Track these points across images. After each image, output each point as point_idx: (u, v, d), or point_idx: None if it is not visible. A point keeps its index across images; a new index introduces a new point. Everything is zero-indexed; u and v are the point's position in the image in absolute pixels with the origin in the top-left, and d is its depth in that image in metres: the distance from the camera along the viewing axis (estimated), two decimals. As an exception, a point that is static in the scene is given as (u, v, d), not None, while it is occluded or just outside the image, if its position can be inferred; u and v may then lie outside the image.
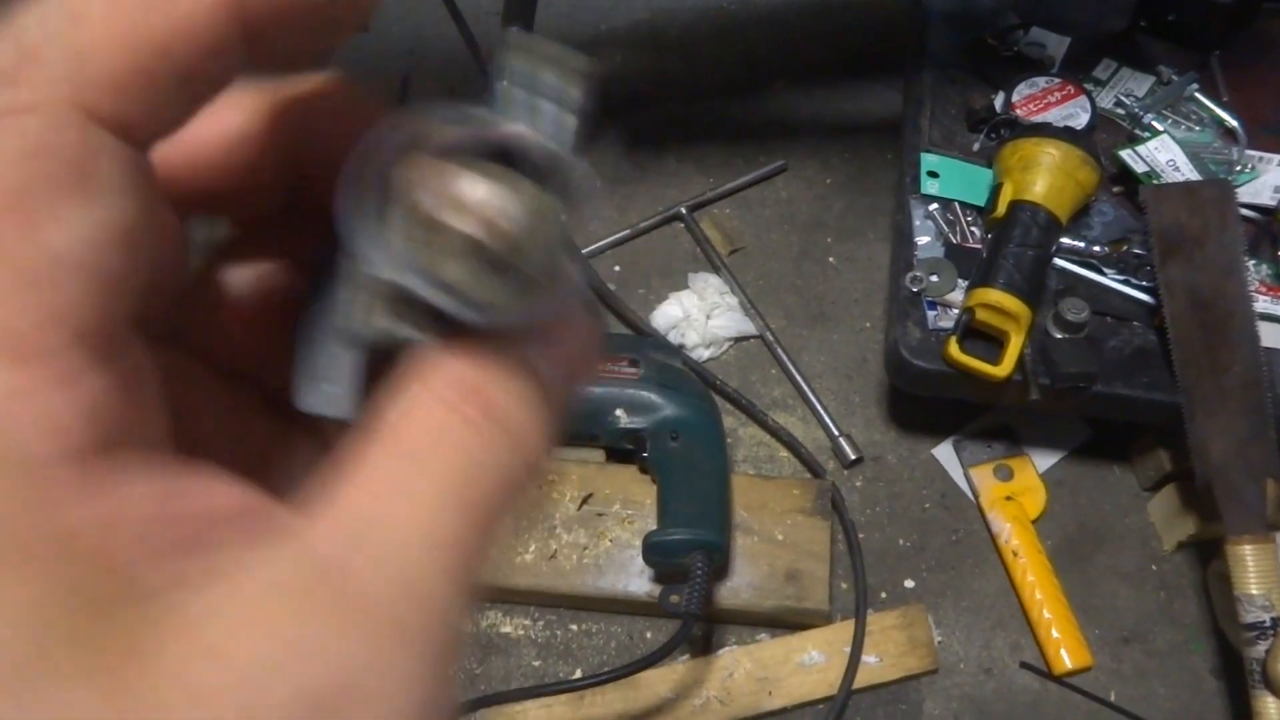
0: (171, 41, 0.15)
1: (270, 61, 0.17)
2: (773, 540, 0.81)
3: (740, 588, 0.79)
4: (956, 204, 0.87)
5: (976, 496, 0.87)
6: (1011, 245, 0.79)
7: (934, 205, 0.87)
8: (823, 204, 1.06)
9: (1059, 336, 0.79)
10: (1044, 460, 0.89)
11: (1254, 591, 0.73)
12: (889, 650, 0.79)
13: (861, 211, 1.06)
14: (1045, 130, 0.82)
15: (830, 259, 1.03)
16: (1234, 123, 0.90)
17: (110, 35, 0.15)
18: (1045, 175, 0.80)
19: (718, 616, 0.81)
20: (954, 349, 0.77)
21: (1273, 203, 0.85)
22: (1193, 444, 0.76)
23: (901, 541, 0.86)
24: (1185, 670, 0.81)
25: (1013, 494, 0.86)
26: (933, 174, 0.88)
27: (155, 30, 0.15)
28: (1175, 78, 0.92)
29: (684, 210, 1.05)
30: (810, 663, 0.79)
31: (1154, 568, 0.85)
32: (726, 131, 1.12)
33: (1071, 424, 0.90)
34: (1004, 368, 0.76)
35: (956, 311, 0.81)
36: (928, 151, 0.90)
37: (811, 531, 0.82)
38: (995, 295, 0.76)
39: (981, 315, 0.77)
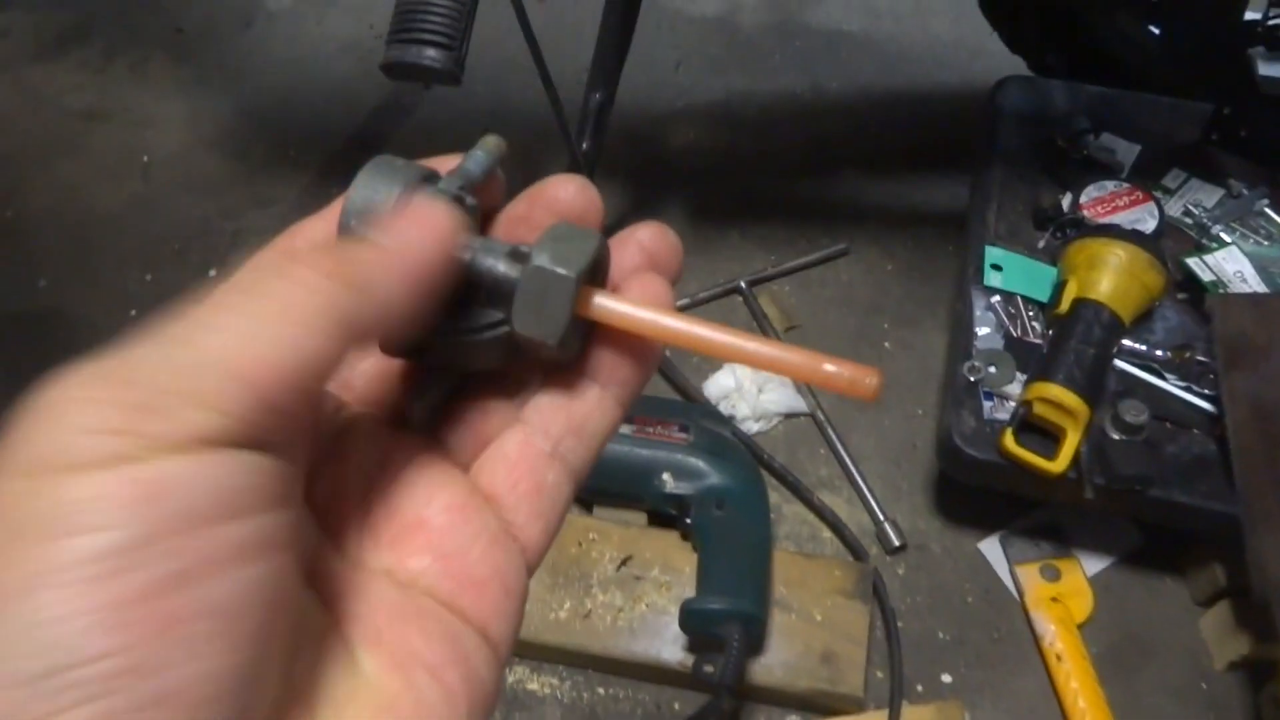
0: (292, 377, 0.19)
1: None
2: (810, 620, 0.80)
3: (774, 665, 0.78)
4: (1018, 298, 0.87)
5: (1021, 595, 0.85)
6: (1073, 342, 0.79)
7: (995, 297, 0.87)
8: (882, 289, 1.07)
9: (1116, 437, 0.78)
10: (1093, 564, 0.87)
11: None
12: (923, 744, 0.77)
13: (920, 300, 1.06)
14: (1113, 231, 0.82)
15: (886, 343, 1.03)
16: (1304, 240, 0.90)
17: (234, 376, 0.18)
18: (1111, 275, 0.80)
19: (749, 694, 0.80)
20: (1009, 440, 0.77)
21: (1342, 323, 0.84)
22: (1251, 559, 0.74)
23: (941, 634, 0.85)
24: (1232, 796, 0.77)
25: (1059, 595, 0.84)
26: (996, 267, 0.89)
27: (279, 369, 0.19)
28: (1245, 191, 0.93)
29: (743, 284, 1.06)
30: (840, 749, 0.77)
31: (1203, 686, 0.82)
32: (792, 211, 1.14)
33: (1123, 528, 0.88)
34: (1060, 463, 0.76)
35: (1013, 404, 0.80)
36: (992, 245, 0.91)
37: (851, 614, 0.81)
38: (1055, 390, 0.76)
39: (1039, 409, 0.77)
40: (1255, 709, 0.80)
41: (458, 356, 0.25)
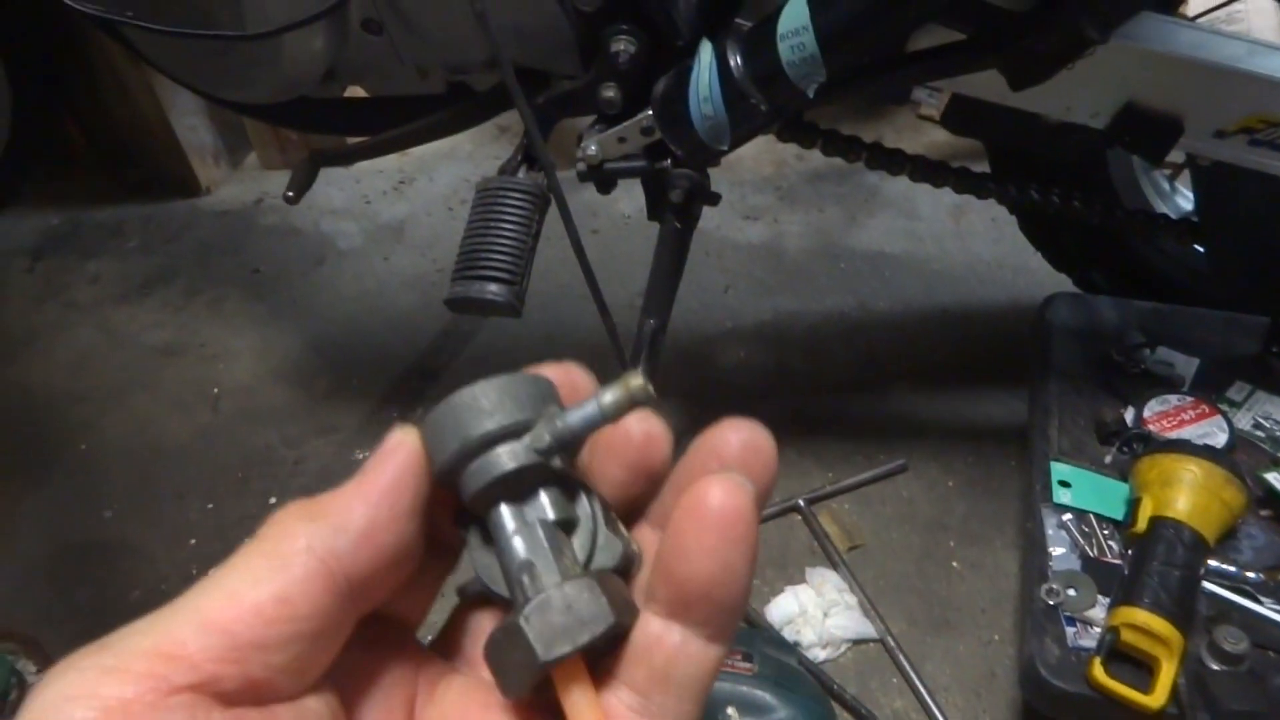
0: (271, 611, 0.21)
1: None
2: None
3: None
4: (1091, 516, 0.84)
5: None
6: (1156, 563, 0.76)
7: (1067, 515, 0.84)
8: (944, 506, 1.05)
9: (1216, 668, 0.73)
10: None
11: None
12: None
13: (985, 517, 1.03)
14: (1184, 447, 0.80)
15: (954, 563, 1.00)
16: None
17: (201, 625, 0.21)
18: (1187, 492, 0.77)
19: None
20: (1099, 671, 0.72)
21: None
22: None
23: None
24: None
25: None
26: (1064, 484, 0.86)
27: (254, 608, 0.21)
28: (1315, 403, 0.91)
29: (802, 503, 1.04)
30: None
31: None
32: (847, 428, 1.14)
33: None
34: (1157, 697, 0.70)
35: (1098, 630, 0.76)
36: (1058, 460, 0.89)
37: None
38: (1143, 616, 0.72)
39: (1127, 636, 0.73)
40: None
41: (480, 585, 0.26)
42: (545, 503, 0.25)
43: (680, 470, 0.26)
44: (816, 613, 0.93)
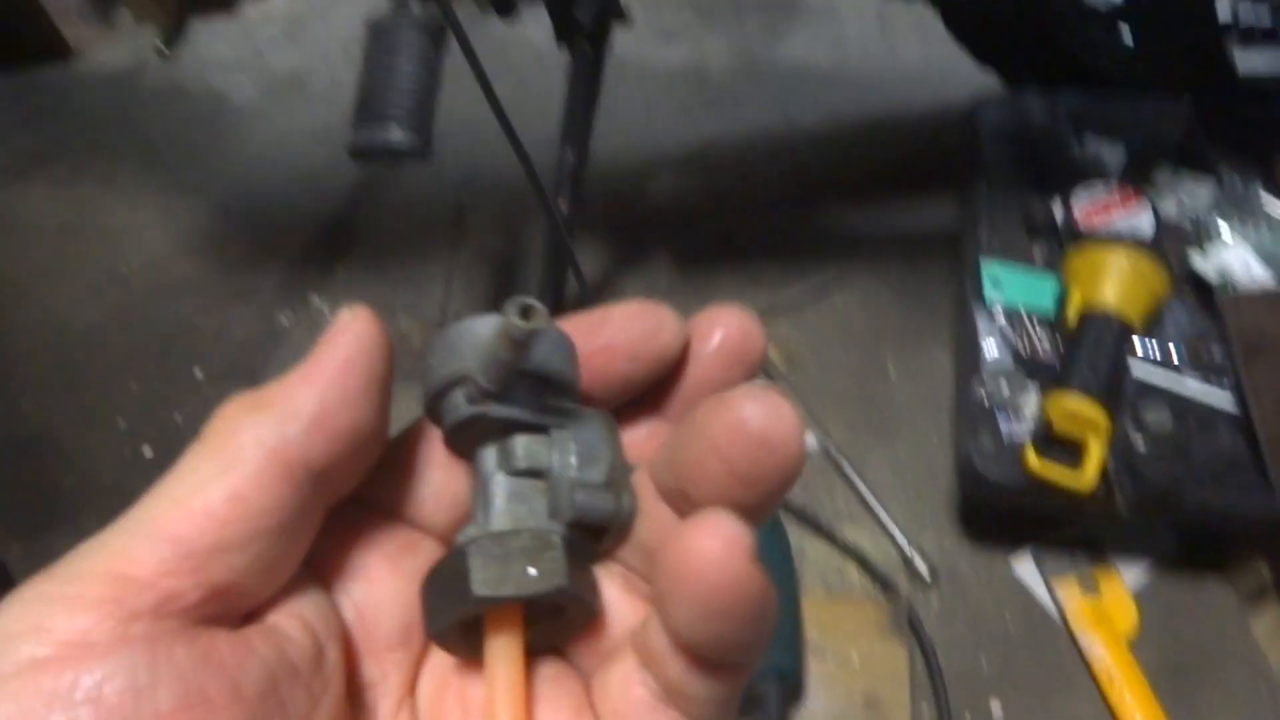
0: (225, 512, 0.20)
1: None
2: (848, 664, 0.77)
3: (818, 714, 0.75)
4: (1022, 312, 0.85)
5: (1062, 613, 0.82)
6: (1084, 352, 0.77)
7: (998, 313, 0.85)
8: (880, 315, 1.06)
9: (1141, 444, 0.76)
10: (1132, 573, 0.84)
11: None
12: (982, 786, 0.74)
13: (921, 323, 1.04)
14: (1111, 237, 0.81)
15: (891, 371, 1.01)
16: (1302, 223, 0.89)
17: (151, 536, 0.19)
18: (1115, 281, 0.78)
19: (796, 749, 0.76)
20: (1032, 458, 0.75)
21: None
22: (1297, 555, 0.71)
23: (985, 662, 0.81)
24: (1310, 807, 0.74)
25: (1101, 609, 0.81)
26: (995, 282, 0.87)
27: (205, 511, 0.20)
28: (1238, 182, 0.92)
29: (740, 326, 1.04)
30: (897, 799, 0.73)
31: (1265, 693, 0.79)
32: (780, 247, 1.12)
33: (1159, 532, 0.86)
34: (1087, 478, 0.73)
35: (1030, 421, 0.78)
36: (988, 260, 0.89)
37: (888, 653, 0.78)
38: (1072, 401, 0.74)
39: (1059, 423, 0.75)
40: (1321, 710, 0.77)
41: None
42: (519, 449, 0.23)
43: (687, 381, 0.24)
44: (760, 431, 0.94)
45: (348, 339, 0.22)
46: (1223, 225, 0.89)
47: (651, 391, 0.24)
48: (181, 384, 1.07)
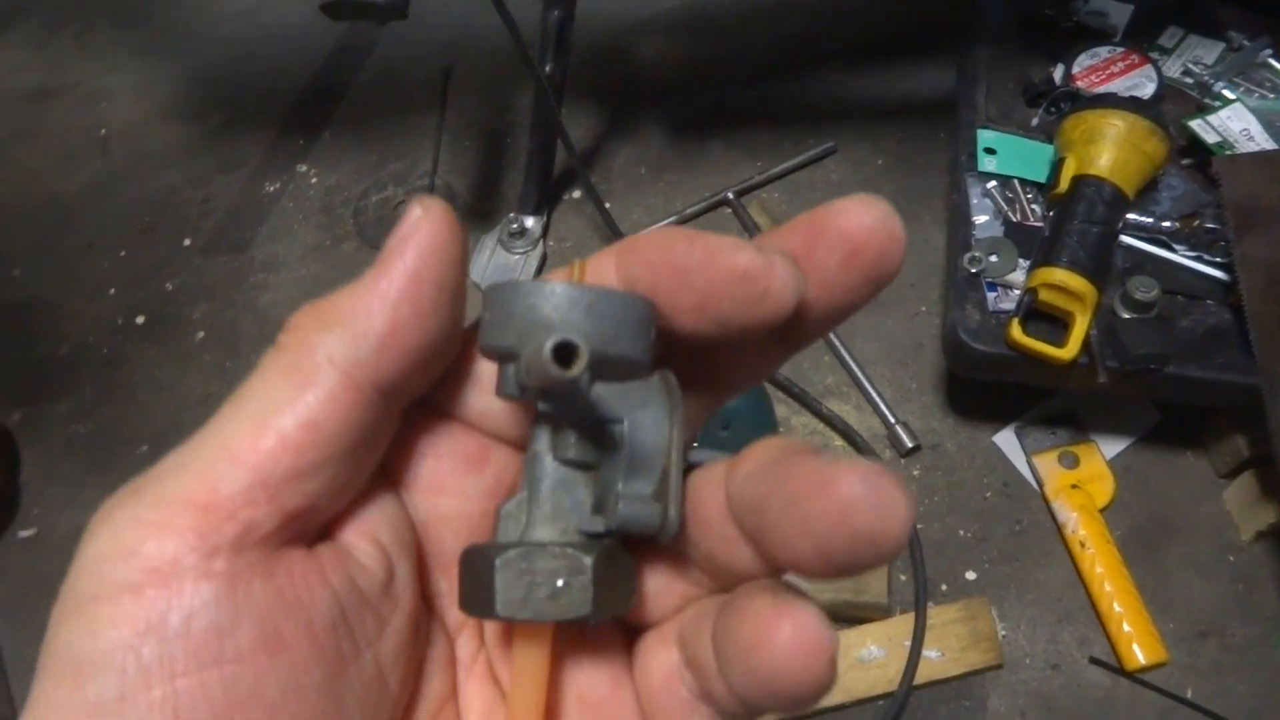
0: (300, 438, 0.19)
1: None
2: (828, 531, 0.79)
3: (797, 581, 0.77)
4: (1015, 181, 0.83)
5: (1040, 485, 0.84)
6: (1075, 222, 0.76)
7: (992, 183, 0.83)
8: (873, 186, 1.04)
9: (1127, 317, 0.76)
10: (1111, 447, 0.85)
11: (1342, 582, 0.69)
12: (951, 645, 0.76)
13: (914, 193, 1.03)
14: (1109, 101, 0.78)
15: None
16: (1311, 89, 0.86)
17: (230, 461, 0.19)
18: (1110, 148, 0.76)
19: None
20: (1016, 331, 0.74)
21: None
22: (1274, 427, 0.72)
23: (962, 532, 0.83)
24: (1266, 665, 0.77)
25: (1079, 482, 0.83)
26: (990, 151, 0.85)
27: (280, 436, 0.19)
28: (1246, 43, 0.88)
29: (731, 196, 1.03)
30: (869, 658, 0.76)
31: (1231, 559, 0.81)
32: (773, 115, 1.09)
33: (1140, 408, 0.86)
34: (1069, 350, 0.73)
35: (1018, 293, 0.78)
36: (984, 128, 0.87)
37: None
38: (1059, 274, 0.73)
39: (1045, 296, 0.74)
40: (1285, 575, 0.79)
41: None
42: (570, 439, 0.21)
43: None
44: (748, 303, 0.94)
45: (418, 243, 0.20)
46: (1227, 90, 0.86)
47: None
48: (170, 253, 1.07)
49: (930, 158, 1.05)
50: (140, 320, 1.02)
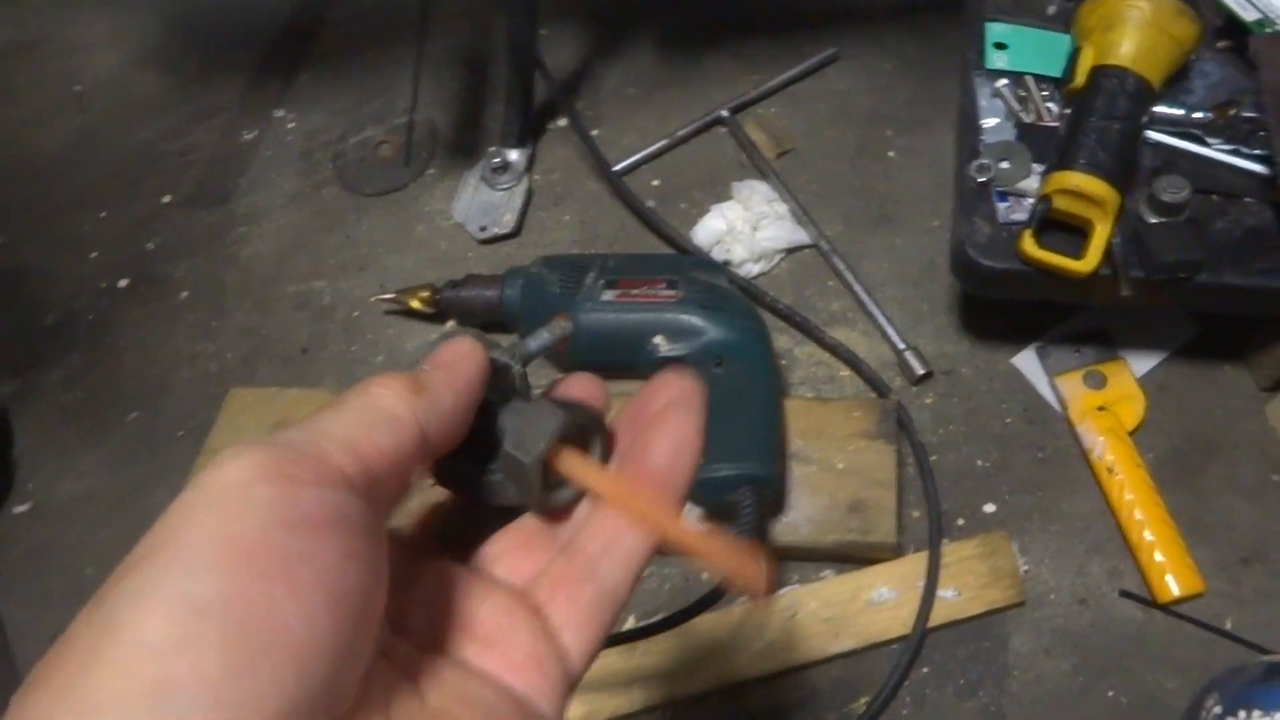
0: (388, 457, 0.25)
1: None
2: (832, 469, 0.74)
3: (798, 523, 0.73)
4: (1030, 78, 0.76)
5: (1064, 408, 0.78)
6: (1094, 119, 0.68)
7: (1003, 82, 0.76)
8: (882, 94, 0.96)
9: (1154, 221, 0.68)
10: (1143, 364, 0.79)
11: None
12: (969, 583, 0.72)
13: (927, 99, 0.95)
14: (1132, -21, 0.69)
15: (891, 153, 0.93)
16: (1367, -49, 0.76)
17: (350, 450, 0.24)
18: (1133, 33, 0.68)
19: (778, 554, 0.75)
20: (1029, 244, 0.68)
21: None
22: (1320, 336, 0.65)
23: (980, 462, 0.78)
24: (1315, 592, 0.71)
25: (1106, 403, 0.76)
26: (1001, 45, 0.77)
27: (378, 449, 0.25)
28: (1292, -97, 0.78)
29: (725, 113, 0.96)
30: (880, 600, 0.72)
31: (1276, 478, 0.75)
32: (770, 21, 1.02)
33: (1175, 321, 0.79)
34: (1088, 262, 0.67)
35: (1032, 202, 0.71)
36: (994, 20, 0.79)
37: (876, 456, 0.74)
38: (1076, 179, 0.66)
39: (1060, 203, 0.67)
40: (1337, 494, 0.73)
41: (482, 493, 0.30)
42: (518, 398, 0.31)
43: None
44: (745, 227, 0.88)
45: (472, 366, 0.29)
46: (1271, -40, 0.77)
47: None
48: (150, 210, 1.03)
49: (946, 59, 0.96)
50: (123, 284, 0.99)
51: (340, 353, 0.89)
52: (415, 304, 0.88)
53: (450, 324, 0.90)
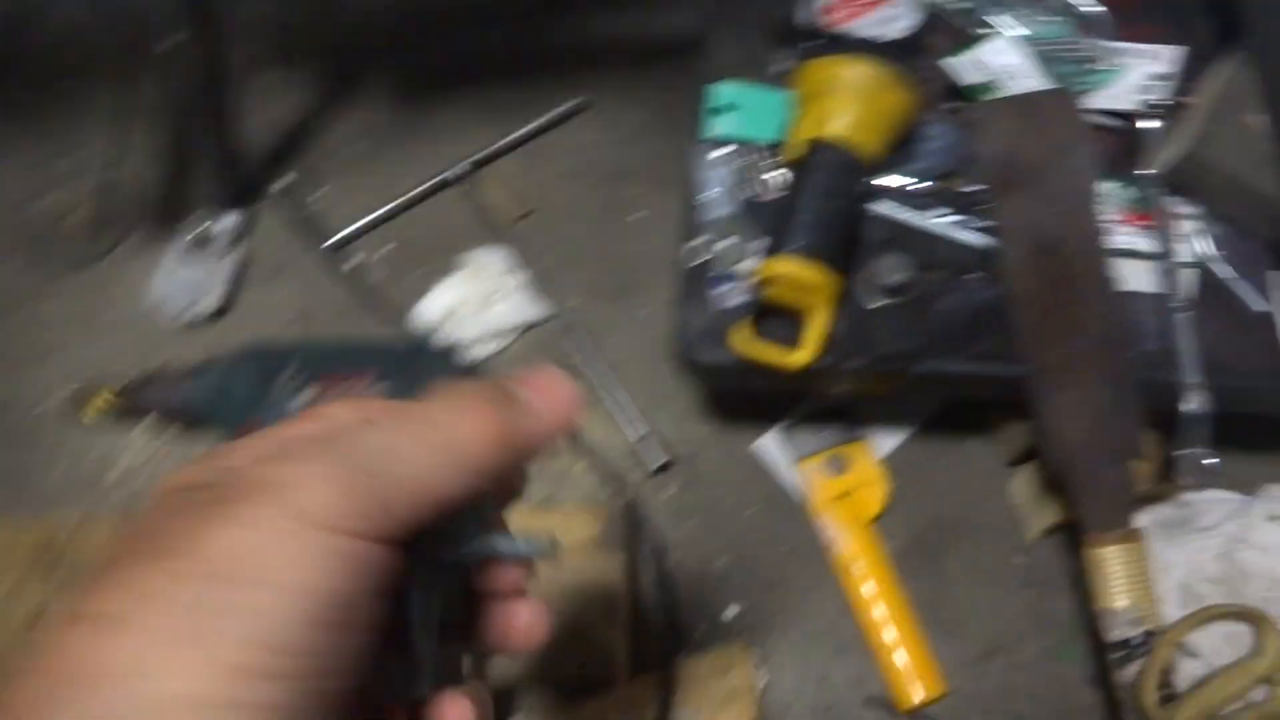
0: (442, 501, 0.26)
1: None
2: (555, 591, 0.67)
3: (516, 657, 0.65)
4: (757, 146, 0.70)
5: (807, 497, 0.73)
6: (810, 196, 0.63)
7: (725, 150, 0.70)
8: (630, 147, 0.90)
9: (874, 305, 0.64)
10: (888, 442, 0.74)
11: (1121, 604, 0.59)
12: (704, 705, 0.66)
13: (675, 153, 0.87)
14: (843, 45, 0.65)
15: (637, 214, 0.86)
16: (1094, 7, 0.74)
17: (411, 495, 0.25)
18: (845, 104, 0.63)
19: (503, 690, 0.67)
20: (740, 337, 0.62)
21: (1137, 107, 0.69)
22: (1042, 424, 0.62)
23: (721, 560, 0.72)
24: (1055, 682, 0.68)
25: (848, 489, 0.72)
26: (724, 109, 0.71)
27: (435, 495, 0.26)
28: (1021, -43, 0.75)
29: (462, 171, 0.87)
30: (609, 730, 0.65)
31: (1017, 560, 0.71)
32: (512, 68, 0.94)
33: (917, 397, 0.76)
34: (804, 354, 0.61)
35: (750, 287, 0.65)
36: (723, 80, 0.73)
37: (602, 570, 0.67)
38: (786, 265, 0.61)
39: (774, 292, 0.62)
40: (1077, 574, 0.70)
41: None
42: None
43: None
44: (477, 302, 0.80)
45: (558, 428, 0.30)
46: (998, 15, 0.73)
47: None
48: None
49: (699, 108, 0.91)
50: None
51: (9, 466, 0.77)
52: (99, 403, 0.76)
53: (147, 422, 0.79)
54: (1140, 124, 0.68)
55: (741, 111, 0.71)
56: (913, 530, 0.72)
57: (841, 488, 0.72)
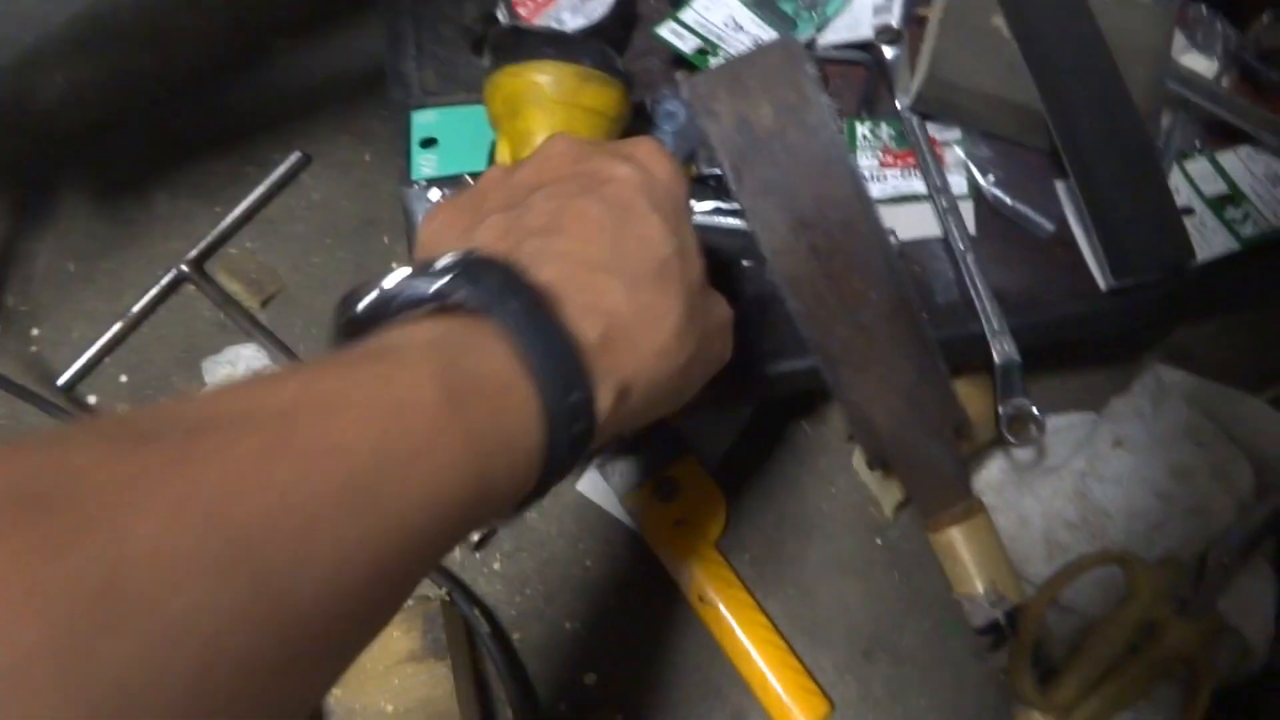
0: None
1: None
2: (383, 716, 0.59)
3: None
4: (469, 181, 0.62)
5: (642, 532, 0.66)
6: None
7: (438, 192, 0.61)
8: (368, 192, 0.80)
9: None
10: (715, 450, 0.68)
11: (979, 588, 0.54)
12: (577, 801, 0.59)
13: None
14: (527, 49, 0.56)
15: (394, 265, 0.77)
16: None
17: None
18: (542, 117, 0.55)
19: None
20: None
21: (875, 34, 0.62)
22: (848, 414, 0.55)
23: (569, 625, 0.65)
24: (945, 665, 0.63)
25: (684, 515, 0.65)
26: (430, 142, 0.62)
27: None
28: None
29: (185, 268, 0.77)
30: None
31: (879, 541, 0.66)
32: (224, 132, 0.82)
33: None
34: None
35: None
36: (421, 108, 0.64)
37: (429, 683, 0.60)
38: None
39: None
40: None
41: None
42: None
43: None
44: (257, 365, 0.70)
45: None
46: (706, -35, 0.65)
47: None
48: None
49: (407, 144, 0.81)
50: None
51: None
52: None
53: None
54: (886, 51, 0.61)
55: (443, 145, 0.62)
56: (764, 539, 0.66)
57: (676, 513, 0.65)
